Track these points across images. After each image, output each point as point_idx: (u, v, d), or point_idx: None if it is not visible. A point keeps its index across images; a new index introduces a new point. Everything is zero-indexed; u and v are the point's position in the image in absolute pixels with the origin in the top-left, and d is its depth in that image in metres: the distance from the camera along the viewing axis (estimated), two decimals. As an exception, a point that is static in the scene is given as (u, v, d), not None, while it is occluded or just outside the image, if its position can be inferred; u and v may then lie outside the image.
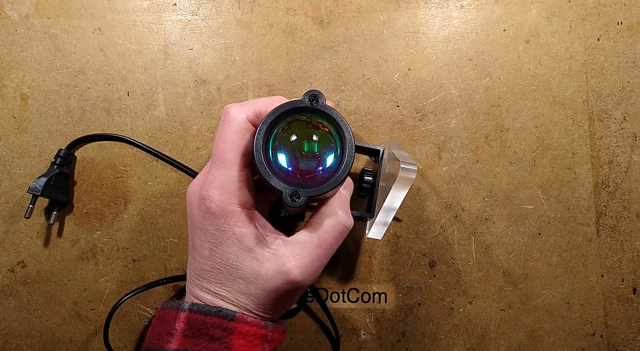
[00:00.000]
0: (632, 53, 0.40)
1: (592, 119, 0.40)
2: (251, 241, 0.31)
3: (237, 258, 0.31)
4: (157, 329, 0.32)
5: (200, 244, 0.31)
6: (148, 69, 0.41)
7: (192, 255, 0.32)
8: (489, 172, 0.41)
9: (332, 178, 0.30)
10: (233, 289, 0.31)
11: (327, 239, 0.32)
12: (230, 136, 0.30)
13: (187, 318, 0.31)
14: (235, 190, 0.30)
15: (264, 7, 0.42)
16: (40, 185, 0.38)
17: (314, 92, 0.31)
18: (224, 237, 0.30)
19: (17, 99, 0.41)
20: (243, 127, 0.31)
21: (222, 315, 0.30)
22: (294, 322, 0.40)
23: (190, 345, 0.30)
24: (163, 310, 0.32)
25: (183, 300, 0.34)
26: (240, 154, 0.31)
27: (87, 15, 0.42)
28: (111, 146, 0.41)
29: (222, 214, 0.30)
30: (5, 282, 0.40)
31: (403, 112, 0.41)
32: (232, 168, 0.30)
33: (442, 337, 0.40)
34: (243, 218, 0.31)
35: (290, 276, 0.30)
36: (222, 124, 0.31)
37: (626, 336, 0.40)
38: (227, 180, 0.30)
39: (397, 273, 0.40)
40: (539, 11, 0.41)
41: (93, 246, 0.41)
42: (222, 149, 0.30)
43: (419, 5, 0.41)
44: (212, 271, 0.31)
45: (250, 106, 0.31)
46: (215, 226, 0.30)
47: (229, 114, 0.31)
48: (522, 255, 0.40)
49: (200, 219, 0.31)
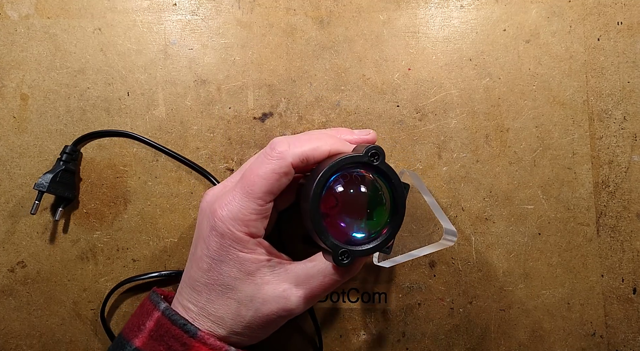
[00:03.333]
0: (632, 53, 0.40)
1: (592, 119, 0.40)
2: (253, 266, 0.31)
3: (235, 279, 0.31)
4: (136, 317, 0.32)
5: (200, 257, 0.31)
6: (148, 69, 0.41)
7: (191, 263, 0.32)
8: (489, 172, 0.41)
9: (379, 239, 0.30)
10: (221, 309, 0.31)
11: (330, 277, 0.31)
12: (267, 173, 0.30)
13: (158, 320, 0.31)
14: (250, 221, 0.30)
15: (264, 7, 0.42)
16: (47, 181, 0.38)
17: (377, 148, 0.30)
18: (227, 258, 0.30)
19: (17, 99, 0.41)
20: (283, 170, 0.30)
21: (185, 329, 0.30)
22: (294, 322, 0.40)
23: (150, 348, 0.30)
24: (149, 298, 0.33)
25: (170, 295, 0.34)
26: (269, 192, 0.30)
27: (87, 15, 0.42)
28: (111, 145, 0.41)
29: (229, 237, 0.30)
30: (5, 282, 0.40)
31: (403, 112, 0.41)
32: (255, 201, 0.30)
33: (442, 337, 0.40)
34: (250, 245, 0.30)
35: (288, 304, 0.31)
36: (266, 157, 0.30)
37: (626, 336, 0.40)
38: (246, 209, 0.30)
39: (397, 273, 0.40)
40: (539, 11, 0.41)
41: (93, 246, 0.41)
42: (253, 181, 0.30)
43: (419, 5, 0.41)
44: (206, 286, 0.31)
45: (298, 147, 0.30)
46: (219, 244, 0.30)
47: (275, 150, 0.30)
48: (522, 255, 0.40)
49: (207, 232, 0.31)
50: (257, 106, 0.41)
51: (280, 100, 0.41)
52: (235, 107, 0.41)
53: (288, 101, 0.41)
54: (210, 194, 0.33)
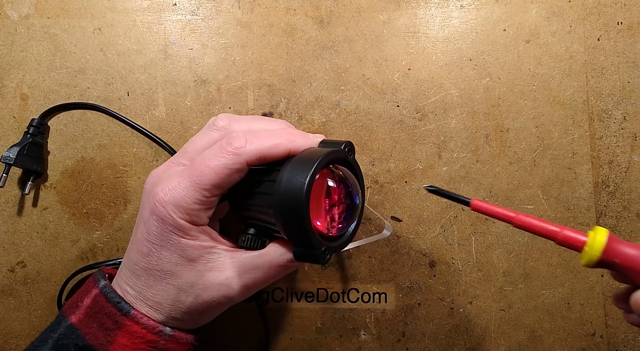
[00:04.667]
0: (632, 53, 0.40)
1: (592, 119, 0.40)
2: (195, 253, 0.30)
3: (175, 265, 0.30)
4: (78, 294, 0.31)
5: (140, 240, 0.30)
6: (148, 69, 0.41)
7: (132, 245, 0.31)
8: (489, 172, 0.41)
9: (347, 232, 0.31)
10: (160, 294, 0.30)
11: (276, 269, 0.31)
12: (219, 167, 0.29)
13: (95, 297, 0.30)
14: (193, 210, 0.29)
15: (264, 7, 0.42)
16: (13, 154, 0.37)
17: (351, 144, 0.31)
18: (167, 243, 0.29)
19: (17, 99, 0.41)
20: (237, 168, 0.29)
21: (119, 307, 0.29)
22: (294, 322, 0.40)
23: (84, 325, 0.29)
24: (92, 276, 0.32)
25: (114, 273, 0.33)
26: (218, 186, 0.29)
27: (87, 15, 0.42)
28: (111, 145, 0.41)
29: (170, 223, 0.29)
30: (5, 282, 0.40)
31: (403, 112, 0.41)
32: (201, 192, 0.29)
33: (442, 337, 0.40)
34: (192, 232, 0.30)
35: (229, 291, 0.30)
36: (220, 149, 0.29)
37: (626, 336, 0.40)
38: (190, 198, 0.29)
39: (397, 273, 0.40)
40: (539, 11, 0.41)
41: (93, 246, 0.41)
42: (203, 172, 0.29)
43: (419, 5, 0.41)
44: (144, 270, 0.30)
45: (256, 144, 0.29)
46: (160, 229, 0.29)
47: (231, 145, 0.29)
48: (522, 255, 0.40)
49: (147, 215, 0.30)
50: (257, 106, 0.41)
51: (280, 100, 0.41)
52: (235, 107, 0.41)
53: (288, 101, 0.41)
54: (154, 175, 0.31)
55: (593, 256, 0.25)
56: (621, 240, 0.25)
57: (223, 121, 0.32)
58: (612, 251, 0.24)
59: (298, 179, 0.28)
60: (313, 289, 0.41)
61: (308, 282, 0.41)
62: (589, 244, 0.25)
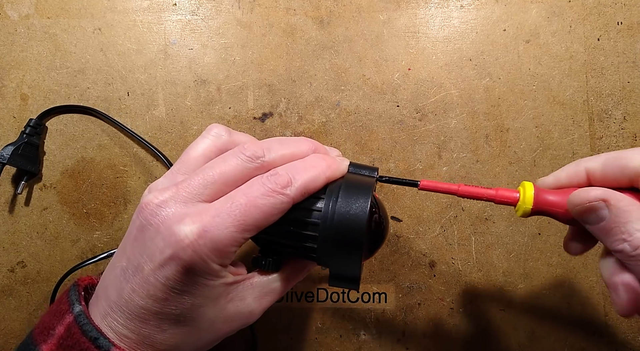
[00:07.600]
0: (632, 53, 0.40)
1: (592, 119, 0.40)
2: (220, 290, 0.27)
3: (198, 308, 0.27)
4: (50, 315, 0.28)
5: (153, 283, 0.26)
6: (148, 69, 0.41)
7: (130, 283, 0.26)
8: (489, 172, 0.41)
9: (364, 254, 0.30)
10: (176, 338, 0.27)
11: (289, 285, 0.31)
12: (267, 207, 0.26)
13: (69, 326, 0.26)
14: (229, 253, 0.26)
15: (264, 7, 0.42)
16: (7, 153, 0.37)
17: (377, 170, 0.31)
18: (192, 289, 0.26)
19: (17, 99, 0.41)
20: (284, 207, 0.27)
21: (97, 344, 0.25)
22: (294, 322, 0.40)
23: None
24: (67, 294, 0.28)
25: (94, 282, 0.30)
26: (260, 227, 0.27)
27: (87, 15, 0.42)
28: (111, 145, 0.41)
29: (200, 268, 0.26)
30: (5, 282, 0.40)
31: (403, 112, 0.41)
32: (243, 233, 0.26)
33: (442, 337, 0.40)
34: (222, 273, 0.27)
35: (251, 318, 0.29)
36: (266, 189, 0.26)
37: (626, 336, 0.40)
38: (230, 241, 0.26)
39: (397, 273, 0.40)
40: (539, 11, 0.41)
41: (93, 246, 0.41)
42: (249, 212, 0.26)
43: (419, 5, 0.41)
44: (155, 315, 0.26)
45: (300, 182, 0.27)
46: (184, 276, 0.26)
47: (277, 184, 0.27)
48: (522, 255, 0.40)
49: (164, 258, 0.25)
50: (257, 106, 0.41)
51: (280, 100, 0.41)
52: (235, 107, 0.41)
53: (288, 101, 0.41)
54: (159, 198, 0.26)
55: (526, 209, 0.28)
56: (545, 189, 0.29)
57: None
58: (539, 201, 0.28)
59: (355, 210, 0.27)
60: (313, 289, 0.41)
61: (308, 282, 0.41)
62: (521, 199, 0.28)
